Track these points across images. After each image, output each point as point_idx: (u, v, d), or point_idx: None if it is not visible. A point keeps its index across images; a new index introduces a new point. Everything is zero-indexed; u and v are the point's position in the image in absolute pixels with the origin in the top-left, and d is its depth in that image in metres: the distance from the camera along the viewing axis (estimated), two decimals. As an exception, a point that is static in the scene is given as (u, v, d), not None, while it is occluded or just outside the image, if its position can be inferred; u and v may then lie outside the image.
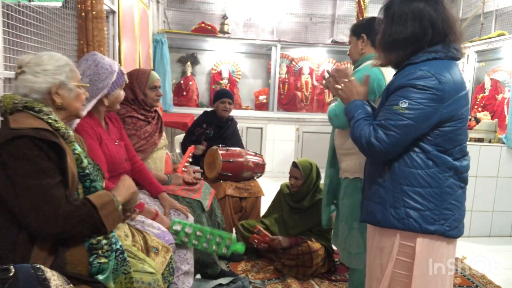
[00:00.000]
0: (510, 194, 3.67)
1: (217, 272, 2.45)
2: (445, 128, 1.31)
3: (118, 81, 1.88)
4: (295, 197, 2.83)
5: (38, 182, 1.21)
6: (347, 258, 2.01)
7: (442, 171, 1.32)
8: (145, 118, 2.35)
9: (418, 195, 1.32)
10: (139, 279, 1.42)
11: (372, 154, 1.36)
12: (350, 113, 1.46)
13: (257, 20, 6.19)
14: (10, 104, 1.31)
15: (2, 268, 1.04)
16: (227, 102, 3.32)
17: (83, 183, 1.39)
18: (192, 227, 1.87)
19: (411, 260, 1.33)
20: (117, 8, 3.11)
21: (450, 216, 1.33)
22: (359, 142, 1.38)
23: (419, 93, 1.27)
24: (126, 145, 2.08)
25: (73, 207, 1.26)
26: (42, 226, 1.22)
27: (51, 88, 1.35)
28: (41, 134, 1.25)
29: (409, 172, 1.33)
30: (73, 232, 1.26)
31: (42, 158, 1.23)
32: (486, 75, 4.87)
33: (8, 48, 1.68)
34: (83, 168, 1.39)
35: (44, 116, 1.32)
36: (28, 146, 1.22)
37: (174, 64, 5.96)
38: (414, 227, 1.32)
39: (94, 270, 1.28)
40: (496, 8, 4.87)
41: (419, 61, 1.33)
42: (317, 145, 5.58)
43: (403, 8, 1.36)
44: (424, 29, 1.33)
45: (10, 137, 1.22)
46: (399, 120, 1.28)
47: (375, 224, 1.41)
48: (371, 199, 1.42)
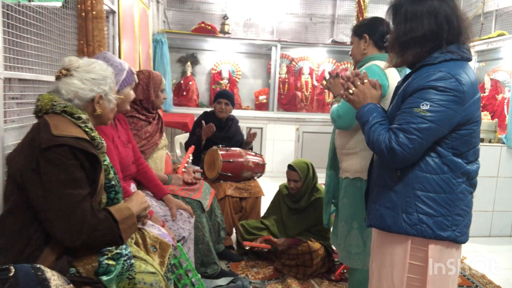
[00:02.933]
0: (510, 194, 3.67)
1: (217, 272, 2.45)
2: (462, 131, 1.29)
3: (128, 80, 1.89)
4: (294, 198, 2.83)
5: (70, 192, 1.23)
6: (347, 258, 2.00)
7: (456, 176, 1.30)
8: (146, 118, 2.36)
9: (431, 200, 1.29)
10: (141, 279, 1.42)
11: (393, 160, 1.29)
12: (364, 117, 1.39)
13: (257, 20, 6.18)
14: (48, 104, 1.31)
15: (2, 268, 1.04)
16: (223, 102, 3.28)
17: (108, 194, 1.41)
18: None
19: (424, 264, 1.31)
20: (117, 8, 3.11)
21: (461, 222, 1.32)
22: (378, 148, 1.31)
23: (440, 94, 1.23)
24: (133, 146, 2.09)
25: (98, 220, 1.27)
26: (67, 236, 1.23)
27: (95, 97, 1.37)
28: (82, 145, 1.26)
29: (423, 177, 1.30)
30: (94, 243, 1.29)
31: (76, 167, 1.25)
32: (486, 75, 4.87)
33: (8, 48, 1.67)
34: (110, 180, 1.41)
35: (82, 124, 1.33)
36: (66, 155, 1.23)
37: (174, 64, 5.96)
38: (427, 233, 1.29)
39: (101, 270, 1.28)
40: (496, 8, 4.87)
41: (436, 62, 1.29)
42: (317, 145, 5.59)
43: (416, 7, 1.33)
44: (440, 26, 1.30)
45: (52, 144, 1.22)
46: (421, 123, 1.24)
47: (385, 229, 1.37)
48: (381, 203, 1.38)
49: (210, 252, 2.41)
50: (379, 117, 1.37)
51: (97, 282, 1.27)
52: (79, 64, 1.37)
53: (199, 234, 2.35)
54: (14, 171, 1.28)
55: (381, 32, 1.97)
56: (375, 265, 1.46)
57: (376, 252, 1.46)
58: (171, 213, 2.08)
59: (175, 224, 2.07)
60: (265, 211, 3.07)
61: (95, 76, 1.37)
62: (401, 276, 1.34)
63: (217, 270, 2.45)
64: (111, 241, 1.32)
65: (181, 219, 2.11)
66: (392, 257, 1.36)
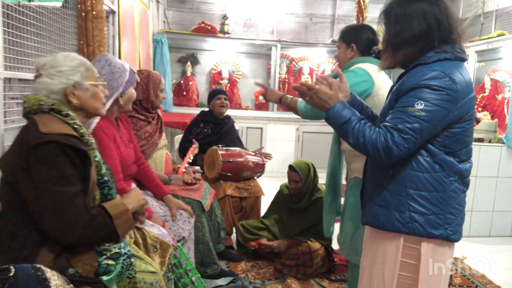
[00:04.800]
0: (510, 194, 3.67)
1: (218, 272, 2.45)
2: (454, 129, 1.30)
3: (130, 80, 1.90)
4: (294, 198, 2.83)
5: (61, 189, 1.22)
6: (354, 255, 2.02)
7: (448, 175, 1.31)
8: (145, 118, 2.36)
9: (423, 199, 1.30)
10: (141, 279, 1.42)
11: (388, 159, 1.28)
12: (341, 118, 1.34)
13: (257, 20, 6.18)
14: (36, 105, 1.30)
15: (2, 268, 1.04)
16: (222, 97, 3.32)
17: (101, 190, 1.40)
18: None
19: (416, 262, 1.32)
20: (117, 8, 3.11)
21: (453, 221, 1.33)
22: (372, 147, 1.28)
23: (434, 93, 1.24)
24: (134, 146, 2.09)
25: (91, 217, 1.27)
26: (60, 234, 1.23)
27: (66, 89, 1.35)
28: (70, 141, 1.26)
29: (415, 176, 1.31)
30: (89, 240, 1.28)
31: (67, 165, 1.24)
32: (486, 75, 4.87)
33: (8, 48, 1.67)
34: (102, 175, 1.40)
35: (71, 121, 1.32)
36: (55, 152, 1.22)
37: (174, 64, 5.96)
38: (419, 231, 1.30)
39: (101, 270, 1.28)
40: (496, 8, 4.87)
41: (430, 61, 1.30)
42: (317, 145, 5.58)
43: (405, 9, 1.35)
44: (429, 25, 1.31)
45: (40, 141, 1.22)
46: (416, 122, 1.24)
47: (378, 227, 1.38)
48: (374, 201, 1.39)
49: (210, 252, 2.41)
50: (356, 115, 1.35)
51: (98, 282, 1.27)
52: (45, 62, 1.36)
53: (199, 234, 2.35)
54: (7, 173, 1.27)
55: (368, 40, 2.05)
56: (366, 262, 1.47)
57: (368, 249, 1.47)
58: (171, 213, 2.09)
59: (175, 224, 2.07)
60: (266, 210, 3.07)
61: (61, 68, 1.35)
62: (392, 273, 1.35)
63: (217, 270, 2.45)
64: (107, 237, 1.31)
65: (181, 219, 2.11)
66: (384, 254, 1.38)
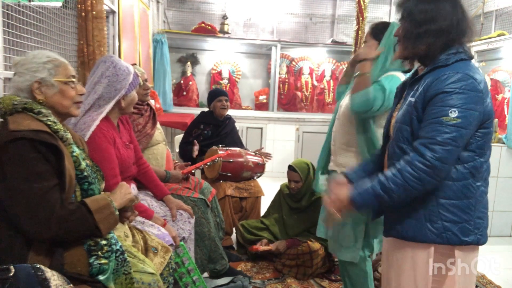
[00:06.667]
0: (510, 194, 3.67)
1: (226, 268, 2.44)
2: (484, 130, 1.29)
3: (134, 83, 1.90)
4: (294, 197, 2.83)
5: (34, 186, 1.21)
6: (338, 250, 2.02)
7: (476, 180, 1.30)
8: (138, 111, 2.38)
9: (455, 207, 1.29)
10: (139, 279, 1.42)
11: (438, 176, 1.24)
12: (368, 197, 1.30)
13: (257, 20, 6.18)
14: (10, 105, 1.30)
15: (2, 268, 1.04)
16: (223, 99, 3.33)
17: (81, 186, 1.38)
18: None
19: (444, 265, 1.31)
20: (117, 8, 3.11)
21: (482, 225, 1.32)
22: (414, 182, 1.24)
23: (463, 98, 1.22)
24: (135, 147, 2.09)
25: (68, 211, 1.26)
26: (35, 230, 1.22)
27: (31, 85, 1.34)
28: (40, 136, 1.25)
29: (446, 185, 1.28)
30: (68, 235, 1.27)
31: (39, 160, 1.23)
32: (486, 75, 4.86)
33: (8, 48, 1.68)
34: (81, 171, 1.38)
35: (44, 118, 1.31)
36: (25, 149, 1.22)
37: (174, 64, 5.96)
38: (453, 240, 1.28)
39: (94, 271, 1.28)
40: (496, 8, 4.87)
41: (450, 63, 1.29)
42: (317, 145, 5.52)
43: (426, 6, 1.32)
44: (451, 21, 1.30)
45: (9, 139, 1.21)
46: (454, 131, 1.22)
47: (408, 239, 1.34)
48: (400, 213, 1.36)
49: (217, 247, 2.40)
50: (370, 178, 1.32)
51: (96, 282, 1.27)
52: (18, 61, 1.37)
53: (205, 230, 2.34)
54: None
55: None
56: (393, 273, 1.42)
57: (393, 259, 1.42)
58: (171, 213, 2.09)
59: (175, 224, 2.07)
60: (266, 210, 3.07)
61: (28, 66, 1.35)
62: (426, 281, 1.32)
63: (226, 265, 2.44)
64: (88, 232, 1.29)
65: (181, 220, 2.11)
66: (414, 262, 1.34)
